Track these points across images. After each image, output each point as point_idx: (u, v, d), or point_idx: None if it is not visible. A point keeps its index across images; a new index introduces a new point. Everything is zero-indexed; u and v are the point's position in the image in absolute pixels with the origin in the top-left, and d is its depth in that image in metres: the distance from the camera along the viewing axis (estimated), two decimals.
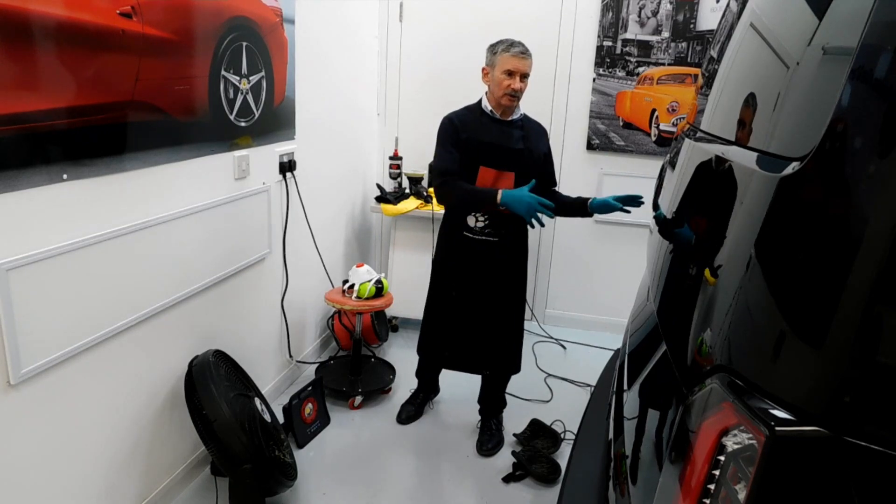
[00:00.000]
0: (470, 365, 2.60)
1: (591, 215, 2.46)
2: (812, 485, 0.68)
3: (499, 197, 2.25)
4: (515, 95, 2.32)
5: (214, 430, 1.93)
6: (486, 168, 2.37)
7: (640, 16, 3.45)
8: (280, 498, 2.22)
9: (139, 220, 1.87)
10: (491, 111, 2.39)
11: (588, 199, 2.45)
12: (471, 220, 2.42)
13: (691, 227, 1.16)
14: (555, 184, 2.57)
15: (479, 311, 2.49)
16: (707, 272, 0.97)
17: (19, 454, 1.56)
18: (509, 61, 2.30)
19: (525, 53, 2.31)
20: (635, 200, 2.36)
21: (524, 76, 2.32)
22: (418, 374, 2.84)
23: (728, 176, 1.02)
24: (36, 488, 1.63)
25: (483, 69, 2.40)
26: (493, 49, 2.36)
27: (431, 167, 2.54)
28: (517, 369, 2.62)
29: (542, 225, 2.26)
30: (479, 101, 2.43)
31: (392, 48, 3.78)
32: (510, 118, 2.39)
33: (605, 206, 2.40)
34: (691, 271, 1.07)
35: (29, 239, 1.51)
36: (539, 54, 3.62)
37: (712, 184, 1.11)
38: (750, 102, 1.10)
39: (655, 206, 1.61)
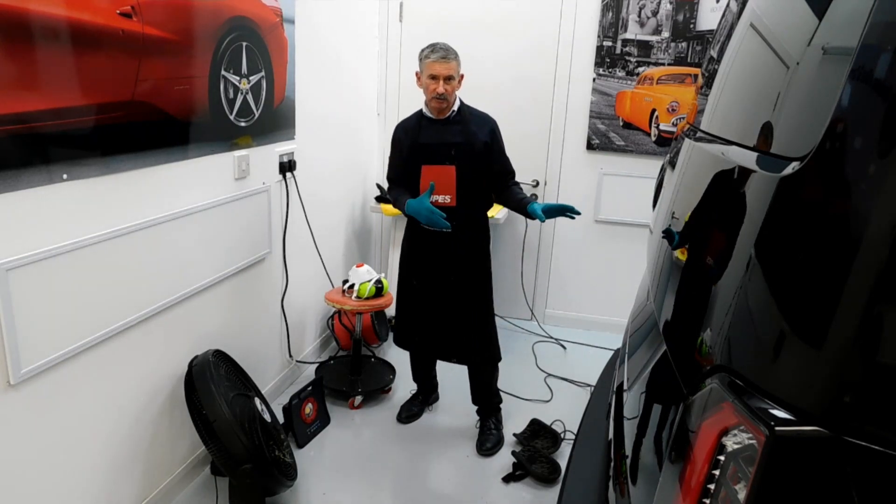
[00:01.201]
0: (439, 352, 2.68)
1: (533, 218, 2.41)
2: (812, 485, 0.68)
3: (405, 208, 2.42)
4: (442, 98, 2.39)
5: (214, 430, 1.93)
6: (426, 166, 2.46)
7: (640, 16, 3.45)
8: (280, 498, 2.22)
9: (139, 220, 1.87)
10: (427, 113, 2.48)
11: (529, 202, 2.42)
12: None
13: (691, 227, 1.16)
14: (509, 174, 2.54)
15: (440, 299, 2.56)
16: (707, 272, 0.97)
17: (19, 454, 1.56)
18: (431, 67, 2.37)
19: (446, 57, 2.36)
20: (566, 212, 2.34)
21: (448, 78, 2.37)
22: (413, 374, 2.84)
23: (728, 176, 1.02)
24: (36, 488, 1.63)
25: (416, 74, 2.47)
26: (420, 55, 2.43)
27: None
28: (495, 358, 2.63)
29: (447, 228, 2.36)
30: (421, 107, 2.52)
31: (392, 48, 3.78)
32: (446, 116, 2.46)
33: (534, 214, 2.36)
34: (691, 271, 1.07)
35: (29, 239, 1.52)
36: (539, 54, 3.64)
37: (712, 184, 1.11)
38: (750, 102, 1.10)
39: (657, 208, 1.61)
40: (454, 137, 2.45)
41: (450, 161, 2.44)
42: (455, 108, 2.47)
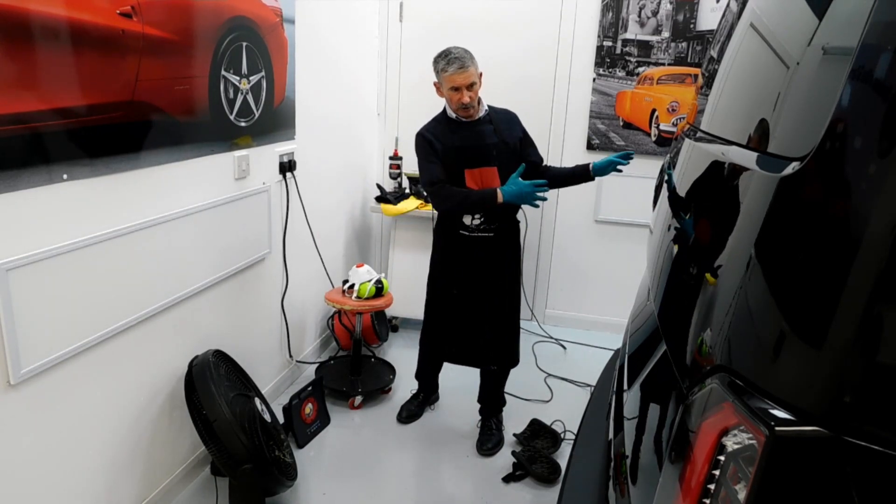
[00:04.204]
0: (474, 359, 2.63)
1: (592, 179, 2.53)
2: (812, 485, 0.68)
3: (500, 197, 2.30)
4: (468, 106, 2.37)
5: (214, 430, 1.93)
6: (470, 170, 2.42)
7: (640, 16, 3.45)
8: (280, 498, 2.22)
9: (139, 219, 1.87)
10: (456, 117, 2.44)
11: (588, 164, 2.51)
12: (466, 219, 2.47)
13: (691, 227, 1.16)
14: (541, 160, 2.61)
15: (480, 305, 2.53)
16: (707, 272, 0.97)
17: (19, 454, 1.56)
18: (451, 79, 2.33)
19: (463, 67, 2.31)
20: (628, 156, 2.48)
21: (470, 86, 2.35)
22: (418, 375, 2.84)
23: (728, 176, 1.02)
24: (36, 488, 1.63)
25: (434, 83, 2.44)
26: (435, 66, 2.40)
27: (420, 181, 2.64)
28: (516, 362, 2.64)
29: (545, 199, 2.34)
30: (444, 110, 2.48)
31: (392, 48, 3.78)
32: (477, 117, 2.44)
33: (607, 167, 2.47)
34: (691, 271, 1.07)
35: (29, 239, 1.52)
36: (539, 54, 3.64)
37: (712, 184, 1.11)
38: (750, 102, 1.10)
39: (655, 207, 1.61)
40: (490, 138, 2.43)
41: (489, 163, 2.42)
42: (485, 107, 2.45)
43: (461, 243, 2.50)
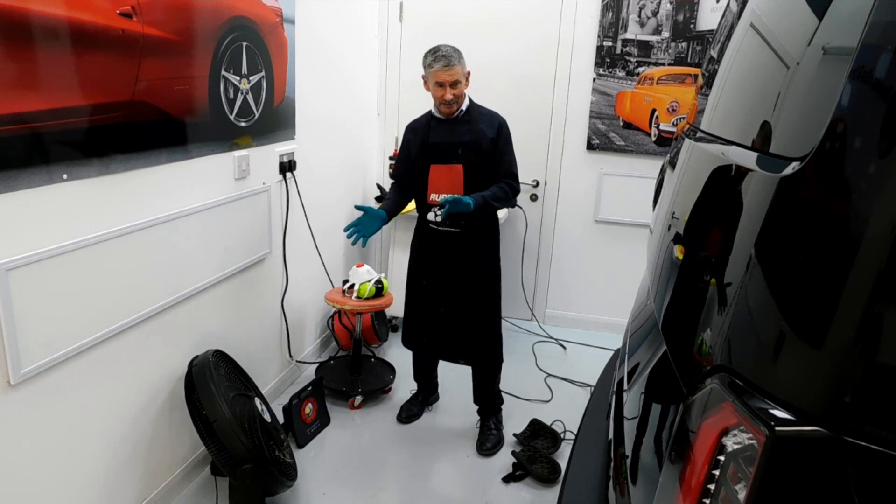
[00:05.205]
0: (446, 353, 2.68)
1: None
2: (812, 485, 0.68)
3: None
4: (451, 103, 2.41)
5: (214, 430, 1.93)
6: (434, 165, 2.48)
7: (640, 16, 3.45)
8: (280, 498, 2.22)
9: (139, 220, 1.87)
10: (436, 113, 2.50)
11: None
12: (430, 215, 2.54)
13: (691, 227, 1.16)
14: (509, 175, 2.50)
15: (448, 299, 2.57)
16: (707, 272, 0.97)
17: (19, 454, 1.56)
18: (436, 75, 2.38)
19: (449, 64, 2.35)
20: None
21: (454, 84, 2.38)
22: (415, 375, 2.84)
23: (728, 176, 1.02)
24: (36, 488, 1.63)
25: (423, 78, 2.48)
26: (423, 61, 2.44)
27: None
28: (498, 359, 2.64)
29: (363, 239, 2.45)
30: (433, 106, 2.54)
31: (392, 48, 3.78)
32: (455, 115, 2.47)
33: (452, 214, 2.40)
34: (691, 271, 1.07)
35: (29, 239, 1.52)
36: (539, 54, 3.64)
37: (712, 184, 1.11)
38: (750, 102, 1.10)
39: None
40: (462, 136, 2.46)
41: (457, 160, 2.45)
42: (464, 107, 2.48)
43: (431, 236, 2.56)
